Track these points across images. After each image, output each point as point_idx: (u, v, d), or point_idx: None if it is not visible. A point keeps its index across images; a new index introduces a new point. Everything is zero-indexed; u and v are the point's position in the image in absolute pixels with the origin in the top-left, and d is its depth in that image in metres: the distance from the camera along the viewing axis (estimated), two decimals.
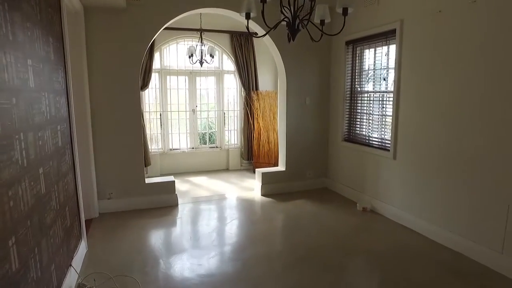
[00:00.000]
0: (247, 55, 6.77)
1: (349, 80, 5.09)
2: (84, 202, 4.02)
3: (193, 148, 6.97)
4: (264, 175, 5.24)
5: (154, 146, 6.72)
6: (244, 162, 7.20)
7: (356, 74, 5.00)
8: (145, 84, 6.24)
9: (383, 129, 4.55)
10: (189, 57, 5.66)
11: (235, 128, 7.25)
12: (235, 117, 7.21)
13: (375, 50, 4.64)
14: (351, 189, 5.09)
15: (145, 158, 6.32)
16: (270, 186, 5.28)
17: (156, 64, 6.48)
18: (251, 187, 5.84)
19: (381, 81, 4.60)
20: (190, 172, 6.90)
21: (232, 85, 7.09)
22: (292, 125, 5.28)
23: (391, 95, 4.27)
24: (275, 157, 6.82)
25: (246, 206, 4.88)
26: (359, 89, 5.01)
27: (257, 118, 6.78)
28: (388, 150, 4.30)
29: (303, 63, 5.24)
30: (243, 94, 6.95)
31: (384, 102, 4.49)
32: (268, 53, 7.06)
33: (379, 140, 4.59)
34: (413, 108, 3.90)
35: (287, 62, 5.12)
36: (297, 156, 5.39)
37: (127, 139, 4.49)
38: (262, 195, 5.25)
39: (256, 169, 5.48)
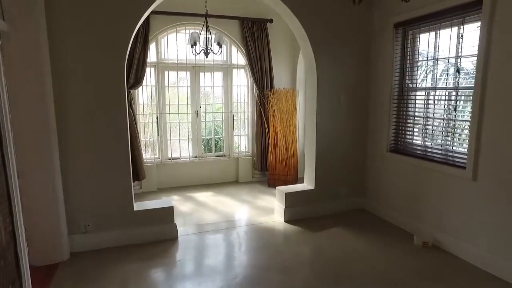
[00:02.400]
0: (260, 46, 5.60)
1: (398, 74, 3.91)
2: (46, 240, 2.91)
3: (196, 157, 5.80)
4: (288, 196, 4.06)
5: (149, 156, 5.55)
6: (256, 174, 6.03)
7: (408, 66, 3.82)
8: (137, 81, 5.08)
9: (451, 138, 3.37)
10: (192, 46, 4.49)
11: (246, 133, 6.08)
12: (246, 120, 6.03)
13: (437, 34, 3.46)
14: (400, 214, 3.92)
15: (138, 171, 5.17)
16: (296, 209, 4.11)
17: (151, 57, 5.31)
18: (268, 207, 4.68)
19: (448, 75, 3.41)
20: (193, 185, 5.73)
21: (243, 82, 5.91)
22: (323, 131, 4.10)
23: (469, 92, 3.09)
24: (294, 167, 5.64)
25: (267, 240, 3.69)
26: (411, 85, 3.83)
27: (273, 121, 5.61)
28: (463, 168, 3.12)
29: (337, 53, 4.06)
30: (255, 92, 5.78)
31: (455, 103, 3.31)
32: (285, 44, 5.90)
33: (444, 152, 3.41)
34: (508, 110, 2.73)
35: (318, 51, 3.95)
36: (329, 170, 4.22)
37: (109, 154, 3.33)
38: (286, 221, 4.08)
39: (277, 188, 4.30)
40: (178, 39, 5.40)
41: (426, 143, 3.65)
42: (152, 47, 5.32)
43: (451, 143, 3.35)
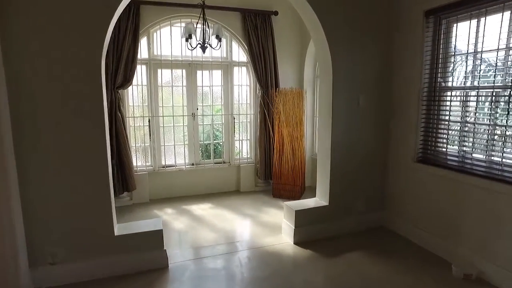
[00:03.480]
0: (264, 41, 4.97)
1: (428, 71, 3.28)
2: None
3: (193, 164, 5.18)
4: (298, 214, 3.42)
5: (141, 163, 4.93)
6: (260, 183, 5.40)
7: (441, 61, 3.19)
8: (126, 80, 4.46)
9: (500, 148, 2.74)
10: (186, 39, 3.86)
11: (248, 138, 5.45)
12: (248, 123, 5.41)
13: (480, 22, 2.83)
14: (430, 235, 3.29)
15: (127, 181, 4.56)
16: (307, 229, 3.48)
17: (142, 53, 4.69)
18: (273, 223, 4.05)
19: (496, 71, 2.78)
20: (189, 196, 5.10)
21: (245, 81, 5.29)
22: (339, 138, 3.47)
23: None
24: (301, 176, 5.02)
25: (274, 268, 3.05)
26: (444, 84, 3.20)
27: (278, 125, 4.99)
28: None
29: (356, 46, 3.43)
30: (258, 93, 5.16)
31: (506, 105, 2.68)
32: (292, 39, 5.27)
33: (488, 165, 2.78)
34: None
35: (334, 43, 3.31)
36: (345, 183, 3.59)
37: (83, 167, 2.70)
38: (295, 243, 3.45)
39: (285, 204, 3.66)
40: (172, 33, 4.77)
41: (465, 153, 3.02)
42: (143, 42, 4.70)
43: (501, 153, 2.72)
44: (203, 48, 3.92)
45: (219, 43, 3.94)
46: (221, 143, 5.42)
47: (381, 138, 3.70)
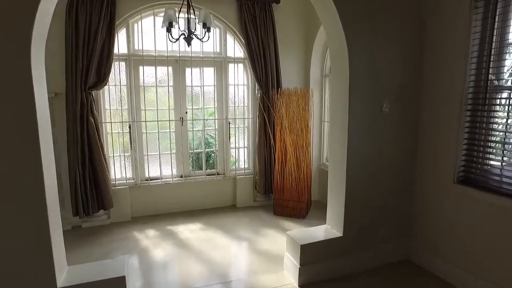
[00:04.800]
0: (264, 34, 4.18)
1: (475, 66, 2.47)
2: None
3: (181, 176, 4.40)
4: (305, 250, 2.62)
5: (120, 176, 4.16)
6: (259, 196, 4.62)
7: (493, 52, 2.38)
8: (100, 80, 3.69)
9: None
10: (168, 29, 3.08)
11: (246, 145, 4.67)
12: (246, 129, 4.62)
13: None
14: (474, 277, 2.49)
15: (103, 197, 3.81)
16: (316, 267, 2.68)
17: (121, 48, 3.92)
18: (274, 251, 3.27)
19: None
20: (177, 213, 4.33)
21: (241, 80, 4.50)
22: (357, 150, 2.67)
23: None
24: (307, 191, 4.22)
25: None
26: (496, 82, 2.39)
27: (280, 131, 4.20)
28: None
29: (379, 39, 2.63)
30: (258, 94, 4.37)
31: None
32: (296, 31, 4.49)
33: None
34: None
35: (352, 35, 2.52)
36: (364, 207, 2.79)
37: (7, 193, 1.93)
38: (301, 285, 2.65)
39: (287, 233, 2.85)
40: (156, 24, 3.99)
41: None
42: (121, 34, 3.93)
43: None
44: (188, 40, 3.13)
45: (207, 33, 3.16)
46: (214, 152, 4.64)
47: (409, 151, 2.90)
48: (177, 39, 3.15)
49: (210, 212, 4.39)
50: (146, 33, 4.03)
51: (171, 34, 3.10)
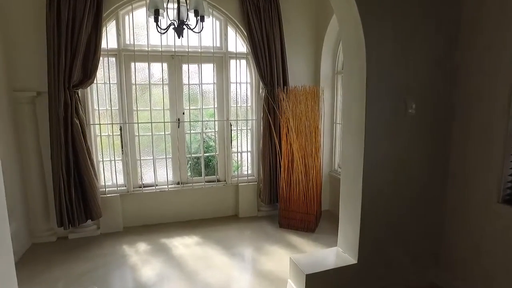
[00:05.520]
0: (269, 26, 3.73)
1: None
2: None
3: (178, 183, 3.98)
4: (310, 279, 2.14)
5: (111, 183, 3.77)
6: (263, 206, 4.17)
7: None
8: (87, 77, 3.31)
9: None
10: (155, 19, 2.67)
11: (249, 150, 4.22)
12: (249, 132, 4.18)
13: None
14: None
15: (91, 206, 3.45)
16: None
17: (109, 42, 3.53)
18: (279, 273, 2.82)
19: None
20: (173, 224, 3.92)
21: (244, 77, 4.06)
22: (376, 159, 2.19)
23: None
24: (316, 201, 3.74)
25: None
26: None
27: (286, 134, 3.74)
28: None
29: (403, 25, 2.15)
30: (262, 92, 3.93)
31: None
32: (304, 23, 4.03)
33: None
34: None
35: (369, 18, 2.04)
36: (384, 226, 2.31)
37: None
38: None
39: (291, 258, 2.39)
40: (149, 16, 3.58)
41: None
42: (110, 27, 3.54)
43: None
44: (178, 31, 2.70)
45: (200, 22, 2.73)
46: (214, 157, 4.20)
47: (440, 162, 2.40)
48: (166, 30, 2.73)
49: (209, 222, 3.96)
50: (138, 26, 3.63)
51: (158, 25, 2.68)
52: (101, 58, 3.42)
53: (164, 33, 2.76)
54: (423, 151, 2.33)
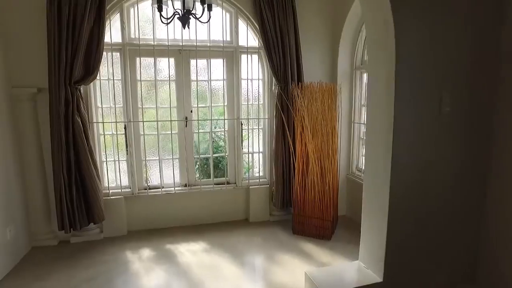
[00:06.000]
0: (282, 19, 3.46)
1: None
2: None
3: (186, 185, 3.76)
4: None
5: (115, 185, 3.57)
6: (276, 210, 3.90)
7: None
8: (89, 72, 3.12)
9: None
10: (159, 8, 2.44)
11: (261, 150, 3.96)
12: (261, 131, 3.92)
13: None
14: None
15: (93, 209, 3.27)
16: None
17: (114, 36, 3.33)
18: (292, 284, 2.55)
19: None
20: (180, 228, 3.69)
21: (256, 73, 3.80)
22: (405, 165, 1.90)
23: None
24: (333, 208, 3.45)
25: None
26: None
27: (301, 134, 3.46)
28: None
29: (441, 7, 1.85)
30: (275, 89, 3.66)
31: None
32: (321, 15, 3.77)
33: None
34: None
35: (401, 5, 1.76)
36: (414, 239, 2.01)
37: None
38: None
39: (306, 274, 2.12)
40: (155, 9, 3.35)
41: None
42: (114, 20, 3.34)
43: None
44: (183, 20, 2.47)
45: (206, 11, 2.48)
46: (224, 157, 3.95)
47: (480, 168, 2.09)
48: (171, 20, 2.50)
49: (218, 227, 3.71)
50: (144, 19, 3.43)
51: (162, 15, 2.45)
52: (104, 53, 3.22)
53: (168, 23, 2.53)
54: (459, 155, 2.03)
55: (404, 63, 1.79)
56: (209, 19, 2.59)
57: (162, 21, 2.51)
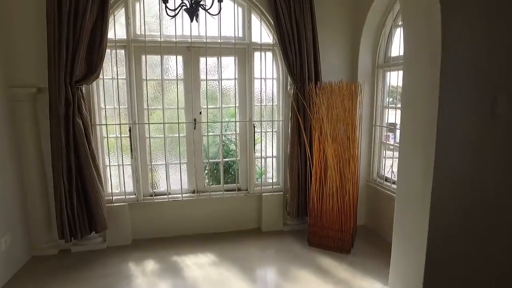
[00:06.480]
0: (299, 13, 3.18)
1: None
2: None
3: (194, 192, 3.50)
4: None
5: (118, 191, 3.34)
6: (290, 219, 3.61)
7: None
8: (91, 71, 2.89)
9: None
10: (164, 0, 2.18)
11: (275, 155, 3.68)
12: (275, 134, 3.64)
13: None
14: None
15: (95, 217, 3.05)
16: None
17: (118, 32, 3.10)
18: None
19: None
20: (187, 237, 3.43)
21: (270, 72, 3.52)
22: (450, 177, 1.60)
23: None
24: (353, 219, 3.14)
25: None
26: None
27: (319, 137, 3.17)
28: None
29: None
30: (290, 89, 3.38)
31: None
32: (340, 9, 3.46)
33: None
34: None
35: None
36: (460, 264, 1.70)
37: None
38: None
39: None
40: (161, 3, 3.11)
41: None
42: (118, 16, 3.11)
43: None
44: (191, 12, 2.20)
45: (216, 2, 2.21)
46: (235, 162, 3.68)
47: None
48: (177, 12, 2.24)
49: (228, 237, 3.45)
50: (150, 14, 3.19)
51: (167, 7, 2.19)
52: (108, 50, 3.00)
53: (174, 16, 2.27)
54: None
55: (451, 59, 1.48)
56: (220, 11, 2.32)
57: (167, 14, 2.26)
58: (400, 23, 3.25)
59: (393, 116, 3.47)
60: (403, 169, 1.78)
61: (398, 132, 3.18)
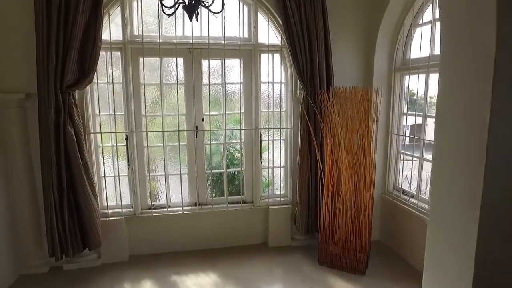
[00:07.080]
0: (310, 13, 2.90)
1: None
2: None
3: (196, 204, 3.24)
4: None
5: (115, 203, 3.08)
6: (299, 234, 3.32)
7: None
8: (84, 75, 2.64)
9: None
10: None
11: (283, 165, 3.40)
12: (283, 143, 3.35)
13: None
14: None
15: (88, 233, 2.78)
16: None
17: (113, 33, 2.84)
18: None
19: None
20: (188, 254, 3.17)
21: (278, 76, 3.24)
22: (502, 196, 1.29)
23: None
24: (368, 237, 2.84)
25: None
26: None
27: (331, 147, 2.88)
28: None
29: None
30: (300, 94, 3.10)
31: None
32: (353, 9, 3.17)
33: None
34: None
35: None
36: None
37: None
38: None
39: None
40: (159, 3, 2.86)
41: None
42: (114, 15, 2.85)
43: None
44: (190, 10, 1.93)
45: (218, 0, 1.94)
46: (240, 173, 3.40)
47: None
48: (174, 9, 1.96)
49: (232, 253, 3.18)
50: (148, 13, 2.92)
51: (163, 4, 1.92)
52: (103, 53, 2.75)
53: (171, 14, 2.00)
54: None
55: (507, 61, 1.19)
56: (223, 9, 2.04)
57: (164, 12, 1.99)
58: (420, 22, 2.95)
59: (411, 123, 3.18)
60: (438, 190, 1.50)
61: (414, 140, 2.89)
